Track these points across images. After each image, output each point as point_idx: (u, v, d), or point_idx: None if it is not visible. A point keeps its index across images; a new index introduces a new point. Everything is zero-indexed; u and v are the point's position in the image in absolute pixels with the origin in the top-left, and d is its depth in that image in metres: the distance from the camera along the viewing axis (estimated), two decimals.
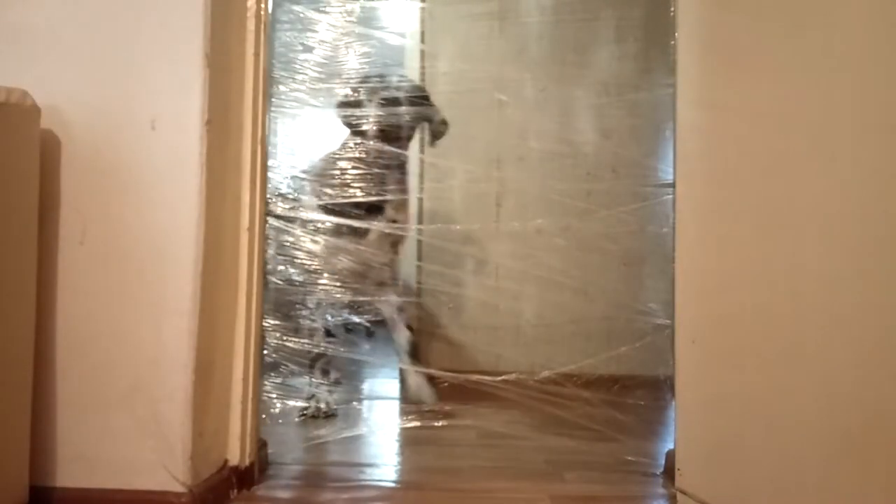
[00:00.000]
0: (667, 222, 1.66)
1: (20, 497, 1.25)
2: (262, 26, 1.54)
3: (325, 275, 2.11)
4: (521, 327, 2.72)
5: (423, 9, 2.70)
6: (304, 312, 2.13)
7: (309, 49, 1.89)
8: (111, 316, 1.34)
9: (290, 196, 2.07)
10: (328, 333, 2.41)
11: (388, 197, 2.21)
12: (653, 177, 2.15)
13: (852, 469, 1.10)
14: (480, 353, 2.59)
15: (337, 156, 2.18)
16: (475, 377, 2.17)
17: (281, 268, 2.03)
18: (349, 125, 2.19)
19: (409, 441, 2.00)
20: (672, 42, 1.55)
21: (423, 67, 2.63)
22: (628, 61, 2.74)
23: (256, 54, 1.54)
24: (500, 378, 2.32)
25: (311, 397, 2.17)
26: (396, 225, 2.25)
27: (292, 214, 2.03)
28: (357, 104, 2.17)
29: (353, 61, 1.92)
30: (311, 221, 2.11)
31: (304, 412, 2.13)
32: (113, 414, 1.34)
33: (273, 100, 1.68)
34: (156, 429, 1.33)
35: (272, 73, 1.66)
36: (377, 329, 2.62)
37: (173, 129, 1.35)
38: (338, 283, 2.09)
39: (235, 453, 1.50)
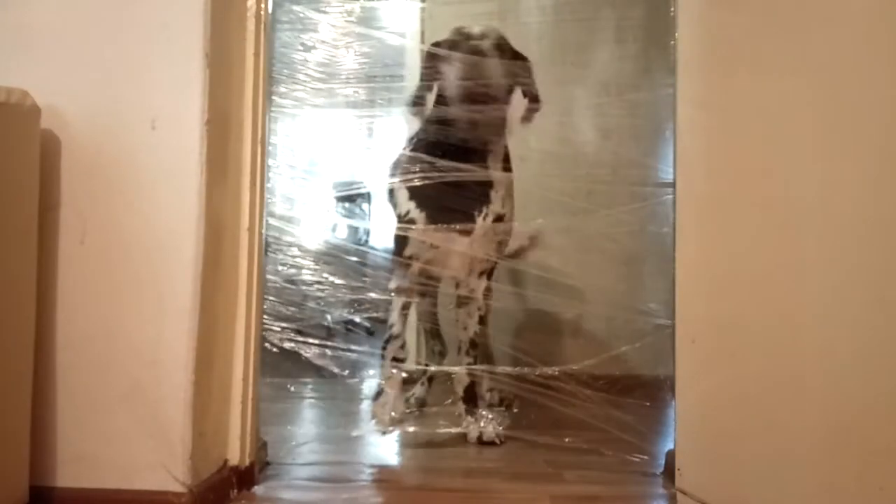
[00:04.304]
0: (667, 222, 1.66)
1: (20, 497, 1.25)
2: (262, 26, 1.54)
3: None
4: (521, 327, 2.72)
5: (423, 9, 2.70)
6: None
7: (309, 49, 1.89)
8: (111, 316, 1.34)
9: None
10: (328, 332, 2.42)
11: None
12: (653, 177, 2.15)
13: (852, 469, 1.10)
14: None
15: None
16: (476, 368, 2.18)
17: None
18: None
19: (409, 441, 2.00)
20: (672, 42, 1.55)
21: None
22: (628, 61, 2.74)
23: (256, 54, 1.53)
24: (500, 370, 2.32)
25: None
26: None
27: None
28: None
29: (353, 61, 1.92)
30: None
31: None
32: (113, 414, 1.34)
33: (273, 100, 1.68)
34: (156, 429, 1.33)
35: (272, 73, 1.66)
36: (377, 328, 2.62)
37: (173, 128, 1.35)
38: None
39: (235, 453, 1.50)
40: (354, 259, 2.11)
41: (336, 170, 2.47)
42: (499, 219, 1.99)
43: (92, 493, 1.32)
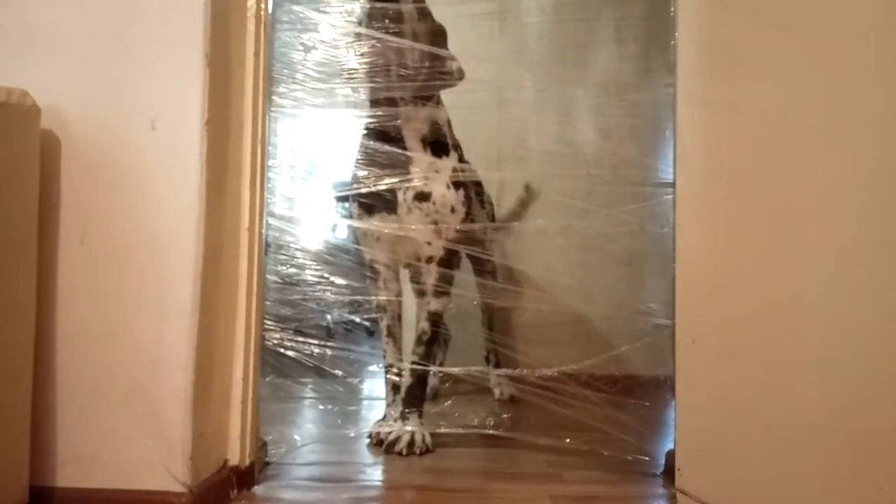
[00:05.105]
0: (667, 222, 1.66)
1: (20, 497, 1.25)
2: (262, 26, 1.54)
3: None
4: (522, 327, 2.72)
5: None
6: None
7: (309, 49, 1.88)
8: (111, 316, 1.34)
9: None
10: (328, 332, 2.42)
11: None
12: (653, 177, 2.15)
13: (852, 469, 1.10)
14: (481, 352, 2.58)
15: None
16: (474, 369, 2.19)
17: None
18: None
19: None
20: (672, 42, 1.55)
21: None
22: (628, 61, 2.74)
23: (256, 54, 1.54)
24: (500, 372, 2.33)
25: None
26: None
27: None
28: None
29: (353, 61, 1.92)
30: None
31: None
32: (113, 414, 1.34)
33: (273, 99, 1.68)
34: (156, 429, 1.33)
35: (272, 73, 1.66)
36: (376, 328, 2.62)
37: (173, 128, 1.35)
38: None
39: (235, 453, 1.50)
40: (354, 259, 2.11)
41: (336, 170, 2.47)
42: (423, 196, 1.93)
43: (92, 493, 1.32)
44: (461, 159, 2.06)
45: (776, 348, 1.24)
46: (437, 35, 1.96)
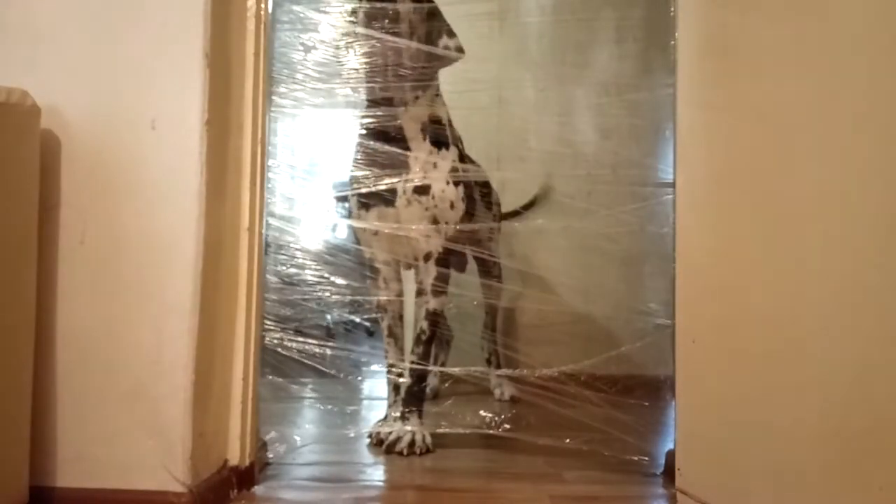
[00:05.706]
0: (667, 222, 1.66)
1: (20, 497, 1.25)
2: (262, 26, 1.54)
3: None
4: (522, 327, 2.72)
5: None
6: None
7: (309, 49, 1.89)
8: (111, 316, 1.34)
9: None
10: (328, 332, 2.42)
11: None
12: (653, 177, 2.15)
13: (852, 470, 1.10)
14: (482, 353, 2.59)
15: None
16: (474, 370, 2.19)
17: None
18: None
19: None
20: (672, 42, 1.55)
21: None
22: (628, 61, 2.74)
23: (256, 54, 1.54)
24: (501, 372, 2.33)
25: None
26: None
27: None
28: None
29: (353, 61, 1.92)
30: None
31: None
32: (113, 414, 1.34)
33: (273, 99, 1.68)
34: (156, 429, 1.33)
35: (272, 73, 1.66)
36: (376, 328, 2.62)
37: (173, 129, 1.35)
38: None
39: (235, 453, 1.50)
40: (354, 259, 2.11)
41: (336, 170, 2.47)
42: (422, 190, 1.90)
43: (92, 493, 1.32)
44: (462, 155, 2.04)
45: (776, 348, 1.24)
46: (433, 25, 1.94)
